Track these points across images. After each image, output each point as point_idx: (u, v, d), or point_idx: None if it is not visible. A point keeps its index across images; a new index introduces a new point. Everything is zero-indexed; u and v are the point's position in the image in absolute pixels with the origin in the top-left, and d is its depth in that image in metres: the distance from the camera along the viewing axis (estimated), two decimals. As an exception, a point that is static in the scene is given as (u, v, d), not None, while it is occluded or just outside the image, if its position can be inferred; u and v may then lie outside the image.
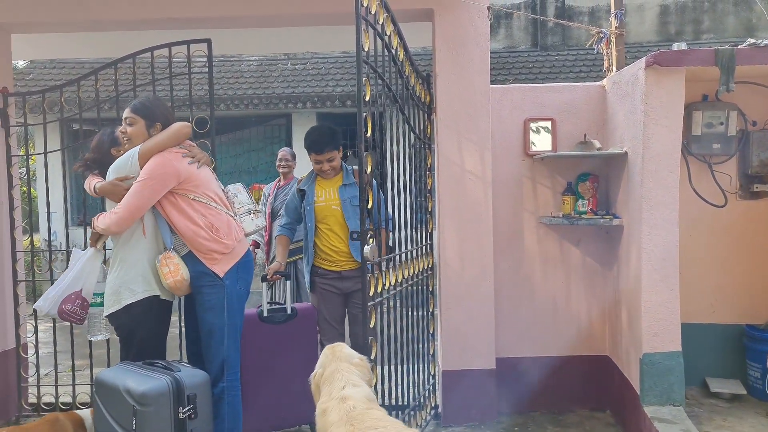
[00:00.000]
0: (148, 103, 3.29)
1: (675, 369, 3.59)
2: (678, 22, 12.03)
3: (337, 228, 3.92)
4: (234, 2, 4.19)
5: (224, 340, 3.24)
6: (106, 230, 3.16)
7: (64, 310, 3.34)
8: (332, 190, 3.97)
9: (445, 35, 4.12)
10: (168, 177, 3.14)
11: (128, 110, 3.28)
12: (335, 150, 3.94)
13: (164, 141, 3.19)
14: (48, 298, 3.36)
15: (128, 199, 3.10)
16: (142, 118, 3.24)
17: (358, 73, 2.91)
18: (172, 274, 3.15)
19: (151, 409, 2.73)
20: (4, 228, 4.38)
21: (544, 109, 4.34)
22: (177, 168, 3.17)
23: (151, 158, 3.16)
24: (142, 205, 3.12)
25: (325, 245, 3.96)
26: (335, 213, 3.92)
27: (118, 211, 3.10)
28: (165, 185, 3.14)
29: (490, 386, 4.19)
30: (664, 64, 3.52)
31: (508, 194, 4.35)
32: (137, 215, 3.14)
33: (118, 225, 3.12)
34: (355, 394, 2.50)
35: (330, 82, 11.11)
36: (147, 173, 3.12)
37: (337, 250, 3.93)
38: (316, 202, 3.98)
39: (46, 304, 3.36)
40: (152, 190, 3.12)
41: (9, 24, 4.37)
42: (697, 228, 4.17)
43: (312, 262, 4.04)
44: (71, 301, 3.33)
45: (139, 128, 3.24)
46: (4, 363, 4.35)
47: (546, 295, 4.39)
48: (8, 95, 4.37)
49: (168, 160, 3.17)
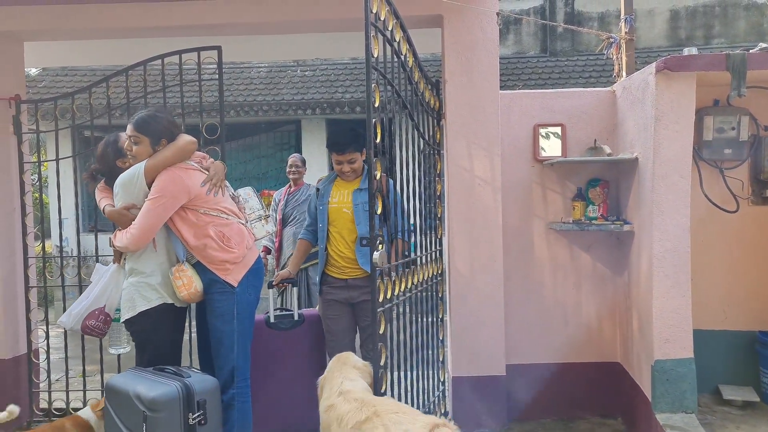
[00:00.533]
0: (150, 120, 3.23)
1: (687, 376, 3.56)
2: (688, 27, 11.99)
3: (346, 233, 3.87)
4: (244, 9, 4.21)
5: (234, 347, 3.25)
6: (124, 249, 3.19)
7: (87, 325, 3.37)
8: (347, 192, 3.91)
9: (455, 41, 4.13)
10: (179, 194, 3.14)
11: (131, 128, 3.23)
12: (357, 152, 3.87)
13: (169, 159, 3.17)
14: (72, 314, 3.37)
15: (141, 217, 3.11)
16: (146, 136, 3.20)
17: (367, 79, 2.91)
18: (185, 287, 3.17)
19: (161, 414, 2.74)
20: (16, 234, 4.42)
21: (553, 114, 4.33)
22: (187, 185, 3.17)
23: (159, 174, 3.15)
24: (155, 223, 3.13)
25: (333, 250, 3.92)
26: (345, 216, 3.87)
27: (132, 231, 3.12)
28: (176, 202, 3.15)
29: (500, 393, 4.17)
30: (674, 69, 3.50)
31: (517, 200, 4.34)
32: (152, 233, 3.15)
33: (134, 244, 3.14)
34: (353, 387, 2.71)
35: (339, 89, 11.15)
36: (158, 191, 3.12)
37: (343, 256, 3.88)
38: (329, 203, 3.92)
39: (70, 320, 3.38)
40: (164, 207, 3.13)
41: (22, 32, 4.41)
42: (708, 234, 4.14)
43: (323, 268, 3.98)
44: (95, 317, 3.36)
45: (144, 147, 3.21)
46: (16, 368, 4.37)
47: (556, 302, 4.36)
48: (21, 102, 4.41)
49: (178, 176, 3.16)
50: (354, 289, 3.85)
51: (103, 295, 3.37)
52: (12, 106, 4.37)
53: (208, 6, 4.19)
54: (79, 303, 3.40)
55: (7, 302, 4.33)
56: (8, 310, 4.34)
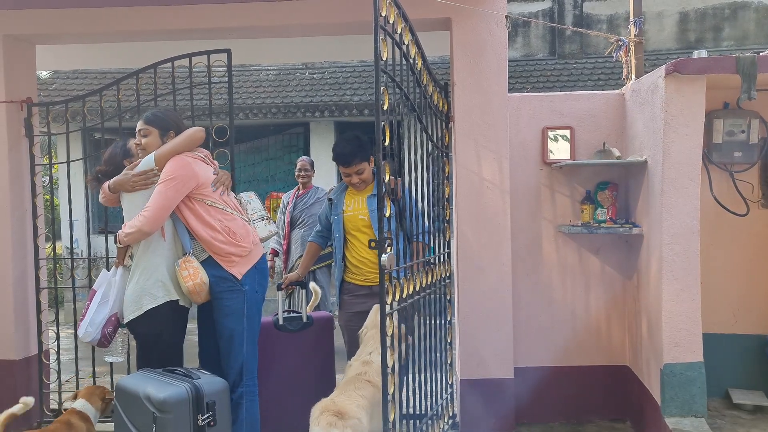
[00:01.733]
0: (159, 114, 3.39)
1: (697, 380, 3.55)
2: (698, 30, 11.93)
3: (365, 239, 3.86)
4: (253, 12, 4.23)
5: (244, 345, 3.29)
6: (138, 232, 3.19)
7: (105, 333, 3.33)
8: (361, 199, 3.91)
9: (463, 44, 4.13)
10: (189, 178, 3.23)
11: (141, 122, 3.37)
12: (364, 161, 3.84)
13: (179, 145, 3.27)
14: (95, 324, 3.31)
15: (154, 199, 3.17)
16: (156, 128, 3.33)
17: (376, 82, 2.92)
18: (191, 277, 3.20)
19: (170, 416, 2.75)
20: (27, 236, 4.45)
21: (562, 117, 4.33)
22: (195, 171, 3.27)
23: (169, 160, 3.23)
24: (168, 204, 3.19)
25: (354, 257, 3.91)
26: (362, 223, 3.87)
27: (145, 213, 3.16)
28: (187, 185, 3.23)
29: (509, 396, 4.16)
30: (684, 71, 3.49)
31: (526, 203, 4.33)
32: (165, 214, 3.21)
33: (149, 225, 3.17)
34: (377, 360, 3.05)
35: (348, 91, 11.16)
36: (169, 173, 3.20)
37: (365, 261, 3.87)
38: (345, 212, 3.92)
39: (95, 329, 3.31)
40: (175, 189, 3.20)
41: (34, 36, 4.45)
42: (718, 237, 4.12)
43: (342, 277, 3.96)
44: (112, 323, 3.34)
45: (153, 138, 3.34)
46: (27, 369, 4.40)
47: (565, 304, 4.35)
48: (32, 105, 4.45)
49: (187, 162, 3.26)
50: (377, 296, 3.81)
51: (117, 300, 3.34)
52: (24, 108, 4.40)
53: (217, 9, 4.21)
54: (98, 313, 3.33)
55: (18, 303, 4.36)
56: (19, 312, 4.37)
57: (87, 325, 3.31)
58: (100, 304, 3.34)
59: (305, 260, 4.24)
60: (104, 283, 3.40)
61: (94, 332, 3.31)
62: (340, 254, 3.94)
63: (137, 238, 3.23)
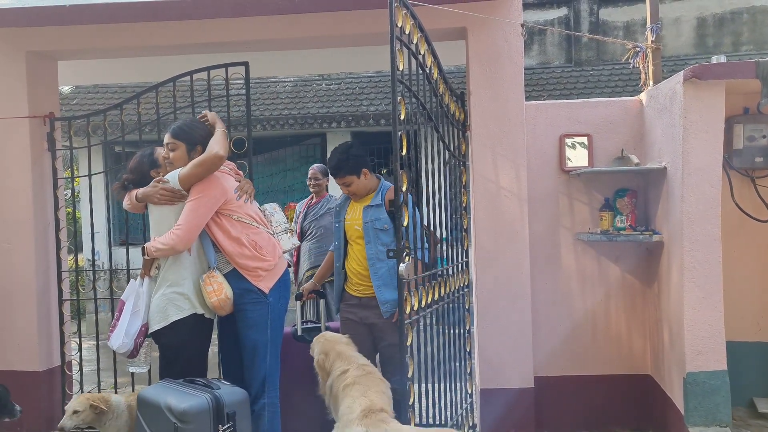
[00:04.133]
0: (186, 128, 3.39)
1: (721, 388, 3.49)
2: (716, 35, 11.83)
3: (358, 250, 3.79)
4: (270, 26, 4.28)
5: (267, 357, 3.31)
6: (171, 250, 3.22)
7: (137, 344, 3.33)
8: (359, 208, 3.82)
9: (479, 53, 4.14)
10: (218, 194, 3.27)
11: (168, 135, 3.38)
12: (352, 175, 3.74)
13: (199, 173, 3.25)
14: (130, 335, 3.31)
15: (186, 217, 3.20)
16: (183, 142, 3.35)
17: (393, 92, 2.93)
18: (216, 293, 3.22)
19: (191, 426, 2.77)
20: (50, 248, 4.52)
21: (579, 125, 4.31)
22: (224, 186, 3.31)
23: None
24: (200, 222, 3.24)
25: (349, 267, 3.85)
26: (357, 233, 3.79)
27: (177, 231, 3.19)
28: (216, 202, 3.27)
29: (529, 405, 4.13)
30: (702, 77, 3.47)
31: (544, 211, 4.32)
32: (197, 232, 3.24)
33: (182, 243, 3.20)
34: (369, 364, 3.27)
35: (364, 102, 11.21)
36: (199, 191, 3.24)
37: (356, 273, 3.81)
38: (345, 220, 3.88)
39: (129, 341, 3.30)
40: (207, 207, 3.25)
41: (56, 52, 4.54)
42: (740, 243, 4.07)
43: (342, 286, 3.92)
44: (143, 334, 3.34)
45: (180, 153, 3.36)
46: (50, 380, 4.46)
47: (584, 313, 4.32)
48: (55, 120, 4.53)
49: (216, 178, 3.30)
50: (367, 308, 3.75)
51: (147, 311, 3.33)
52: (46, 123, 4.48)
53: (235, 23, 4.27)
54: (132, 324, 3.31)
55: (41, 315, 4.42)
56: (42, 323, 4.43)
57: (122, 336, 3.30)
58: (133, 314, 3.33)
59: (322, 269, 4.23)
60: (132, 293, 3.39)
61: (129, 343, 3.30)
62: (339, 262, 3.89)
63: (168, 254, 3.26)
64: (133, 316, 3.34)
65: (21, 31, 4.38)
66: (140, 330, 3.33)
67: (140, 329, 3.33)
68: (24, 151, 4.39)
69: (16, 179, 4.39)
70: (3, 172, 4.38)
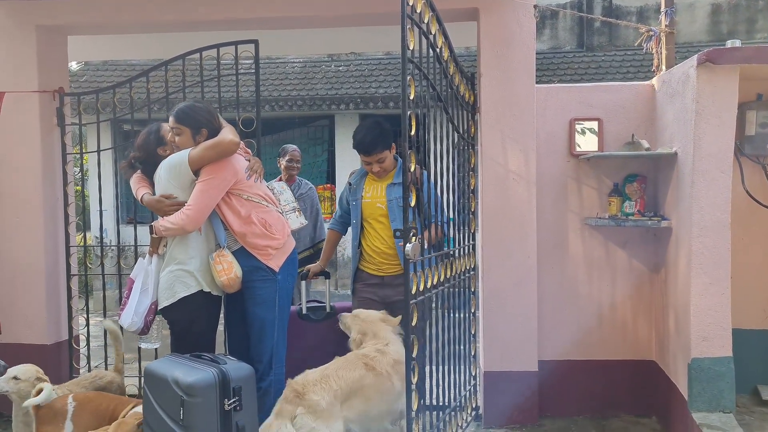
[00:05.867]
0: (190, 112, 3.35)
1: (725, 375, 3.49)
2: (730, 21, 11.69)
3: (381, 228, 3.84)
4: (280, 3, 4.25)
5: (274, 335, 3.33)
6: (180, 230, 3.23)
7: (147, 322, 3.36)
8: (381, 187, 3.85)
9: (490, 34, 4.10)
10: (229, 175, 3.28)
11: (173, 120, 3.35)
12: (386, 149, 3.77)
13: (213, 158, 3.25)
14: (140, 313, 3.32)
15: (196, 198, 3.21)
16: (188, 127, 3.33)
17: (402, 71, 2.92)
18: (225, 272, 3.24)
19: (198, 400, 2.79)
20: (59, 224, 4.54)
21: (590, 109, 4.28)
22: (235, 167, 3.31)
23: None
24: (210, 203, 3.25)
25: (368, 246, 3.89)
26: (379, 211, 3.84)
27: (188, 211, 3.20)
28: (227, 183, 3.27)
29: (532, 389, 4.15)
30: (717, 61, 3.43)
31: (552, 195, 4.30)
32: (207, 213, 3.25)
33: (192, 224, 3.21)
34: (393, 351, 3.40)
35: (373, 84, 11.17)
36: (210, 172, 3.24)
37: (378, 252, 3.86)
38: (363, 198, 3.87)
39: (139, 319, 3.32)
40: (217, 188, 3.25)
41: (66, 26, 4.52)
42: (749, 231, 4.04)
43: (357, 265, 3.95)
44: (152, 311, 3.37)
45: (185, 138, 3.34)
46: (58, 353, 4.50)
47: (590, 298, 4.32)
48: (64, 95, 4.53)
49: (227, 159, 3.29)
50: (389, 287, 3.81)
51: (156, 289, 3.35)
52: (56, 98, 4.48)
53: (245, 1, 4.24)
54: (141, 302, 3.33)
55: (49, 290, 4.45)
56: (51, 298, 4.47)
57: (132, 315, 3.32)
58: (142, 292, 3.35)
59: (327, 250, 4.23)
60: (141, 271, 3.41)
61: (139, 321, 3.33)
62: (356, 241, 3.91)
63: (177, 234, 3.27)
64: (142, 294, 3.36)
65: (31, 4, 4.37)
66: (150, 308, 3.35)
67: (150, 307, 3.35)
68: (33, 126, 4.39)
69: (25, 154, 4.40)
70: (12, 146, 4.39)
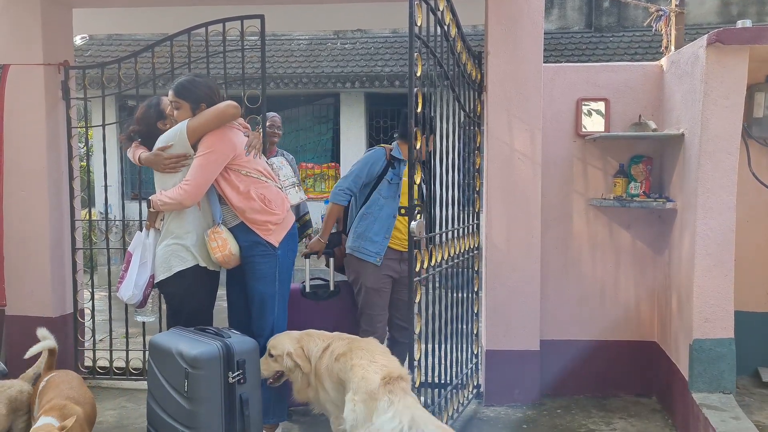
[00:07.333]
0: (189, 86, 3.32)
1: (726, 356, 3.51)
2: (740, 3, 11.56)
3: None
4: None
5: (275, 310, 3.34)
6: (178, 205, 3.23)
7: (146, 295, 3.37)
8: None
9: (498, 11, 4.06)
10: (227, 150, 3.25)
11: (172, 93, 3.33)
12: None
13: (210, 122, 3.24)
14: (139, 286, 3.34)
15: (194, 173, 3.20)
16: (187, 101, 3.30)
17: (410, 47, 2.90)
18: (220, 249, 3.24)
19: (202, 372, 2.82)
20: (63, 197, 4.54)
21: (597, 89, 4.25)
22: (234, 141, 3.28)
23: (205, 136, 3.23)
24: (209, 178, 3.23)
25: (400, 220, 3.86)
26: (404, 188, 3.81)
27: (185, 186, 3.19)
28: (225, 158, 3.25)
29: (534, 367, 4.17)
30: (727, 42, 3.40)
31: (557, 175, 4.29)
32: (205, 188, 3.24)
33: (190, 199, 3.20)
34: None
35: (379, 62, 11.10)
36: (208, 146, 3.22)
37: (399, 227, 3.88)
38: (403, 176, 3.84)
39: (138, 292, 3.34)
40: (216, 163, 3.23)
41: (71, -1, 4.50)
42: (754, 214, 4.03)
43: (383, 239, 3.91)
44: (150, 285, 3.38)
45: (184, 112, 3.31)
46: (63, 326, 4.53)
47: (594, 278, 4.33)
48: (69, 68, 4.51)
49: (225, 133, 3.27)
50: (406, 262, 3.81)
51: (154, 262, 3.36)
52: (61, 71, 4.47)
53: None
54: (140, 275, 3.34)
55: (54, 263, 4.47)
56: (56, 271, 4.49)
57: (132, 288, 3.34)
58: (141, 266, 3.36)
59: (329, 223, 4.17)
60: (139, 245, 3.42)
61: (138, 294, 3.34)
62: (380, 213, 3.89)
63: (174, 209, 3.27)
64: (141, 267, 3.37)
65: (36, -23, 4.34)
66: (149, 281, 3.36)
67: (149, 280, 3.36)
68: (38, 100, 4.38)
69: (30, 127, 4.39)
70: (18, 119, 4.38)
